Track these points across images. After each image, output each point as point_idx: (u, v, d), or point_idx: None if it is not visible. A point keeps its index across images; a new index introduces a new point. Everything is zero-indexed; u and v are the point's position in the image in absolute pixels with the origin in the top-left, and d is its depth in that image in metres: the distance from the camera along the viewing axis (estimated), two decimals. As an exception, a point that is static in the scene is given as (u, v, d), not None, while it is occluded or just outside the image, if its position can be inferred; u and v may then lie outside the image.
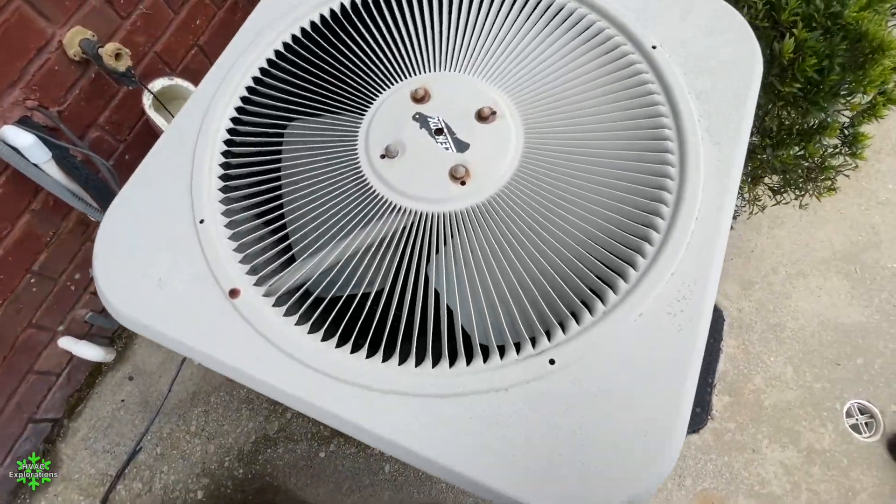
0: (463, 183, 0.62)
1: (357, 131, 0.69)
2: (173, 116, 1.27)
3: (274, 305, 0.58)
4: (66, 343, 1.33)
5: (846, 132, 1.15)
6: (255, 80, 0.73)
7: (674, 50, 0.67)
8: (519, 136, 0.65)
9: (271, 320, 0.57)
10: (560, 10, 0.73)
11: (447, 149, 0.64)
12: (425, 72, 0.71)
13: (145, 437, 1.42)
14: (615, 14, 0.70)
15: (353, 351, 0.56)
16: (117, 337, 1.53)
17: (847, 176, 1.22)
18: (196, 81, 1.40)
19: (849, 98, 1.05)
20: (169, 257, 0.61)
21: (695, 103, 0.63)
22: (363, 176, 0.65)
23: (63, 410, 1.43)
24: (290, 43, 0.76)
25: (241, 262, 0.61)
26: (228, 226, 0.63)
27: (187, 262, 0.60)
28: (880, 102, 1.04)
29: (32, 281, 1.19)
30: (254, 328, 0.56)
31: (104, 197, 1.15)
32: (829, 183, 1.26)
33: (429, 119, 0.66)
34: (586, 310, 0.55)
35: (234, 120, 0.71)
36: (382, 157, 0.65)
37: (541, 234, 0.60)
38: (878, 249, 1.93)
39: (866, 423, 1.67)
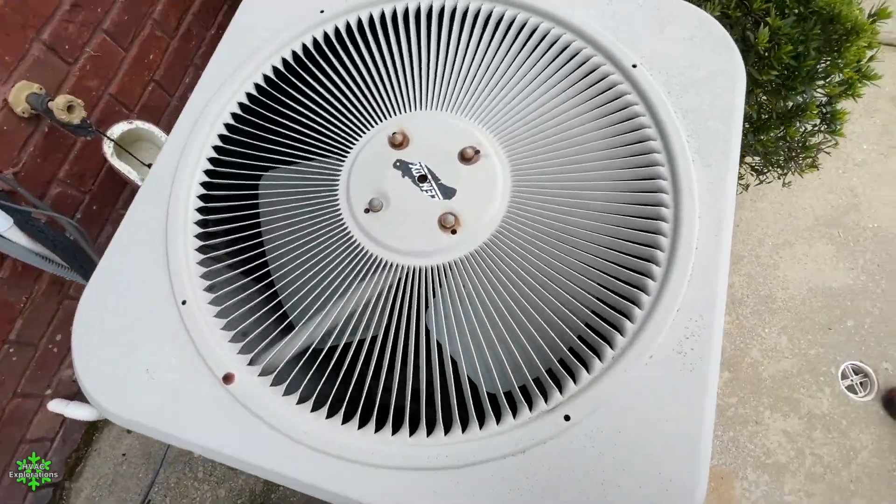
0: (454, 231, 0.60)
1: (337, 183, 0.66)
2: (138, 160, 1.22)
3: (272, 385, 0.56)
4: (56, 406, 1.29)
5: (824, 110, 1.14)
6: (222, 137, 0.69)
7: (655, 67, 0.65)
8: (506, 174, 0.63)
9: (271, 403, 0.54)
10: (534, 32, 0.70)
11: (433, 196, 0.62)
12: (401, 112, 0.68)
13: (152, 489, 1.39)
14: (591, 33, 0.67)
15: (361, 425, 0.54)
16: (109, 390, 1.48)
17: (828, 153, 1.23)
18: (157, 119, 1.34)
19: (826, 80, 1.04)
20: (154, 345, 0.58)
21: (682, 123, 0.62)
22: (349, 233, 0.62)
23: (63, 473, 1.39)
24: (255, 93, 0.72)
25: (231, 341, 0.58)
26: (213, 302, 0.60)
27: (174, 348, 0.57)
28: (856, 80, 1.03)
29: (11, 351, 1.14)
30: (254, 414, 0.53)
31: (75, 257, 1.10)
32: (810, 160, 1.26)
33: (410, 166, 0.63)
34: (595, 357, 0.53)
35: (204, 185, 0.67)
36: (367, 211, 0.62)
37: (539, 278, 0.58)
38: (858, 211, 1.97)
39: (861, 383, 1.72)
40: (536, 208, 0.61)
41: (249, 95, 0.72)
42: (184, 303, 0.59)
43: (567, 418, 0.50)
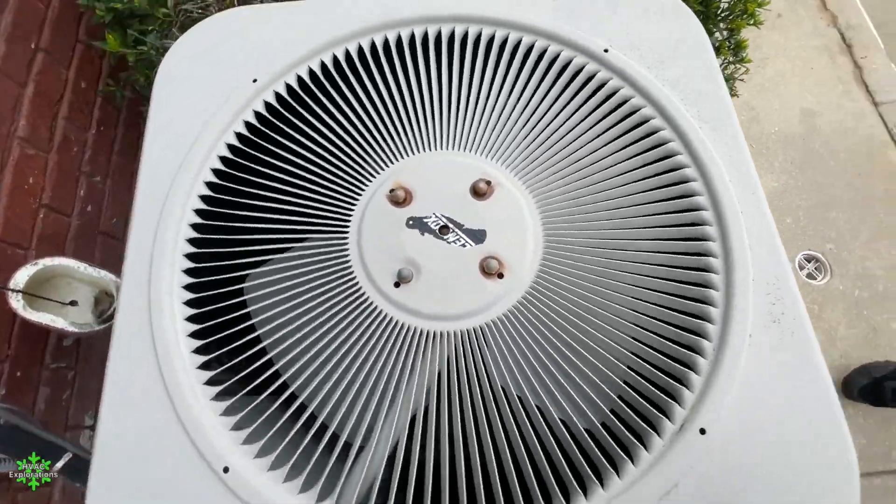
0: (500, 276, 0.54)
1: (348, 264, 0.57)
2: (57, 301, 1.02)
3: (371, 524, 0.46)
4: None
5: (729, 43, 1.23)
6: (191, 256, 0.58)
7: (625, 47, 0.63)
8: (527, 199, 0.58)
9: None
10: (491, 41, 0.66)
11: (464, 245, 0.55)
12: (389, 164, 0.61)
13: None
14: (550, 28, 0.64)
15: (489, 526, 0.46)
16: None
17: (742, 80, 1.32)
18: (60, 247, 1.14)
19: (729, 17, 1.11)
20: (208, 536, 0.46)
21: (675, 95, 0.61)
22: (384, 314, 0.54)
23: None
24: (209, 192, 0.61)
25: (301, 492, 0.48)
26: (261, 454, 0.49)
27: (236, 530, 0.46)
28: (753, 8, 1.11)
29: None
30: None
31: (16, 442, 0.89)
32: (730, 92, 1.35)
33: (426, 220, 0.57)
34: (697, 354, 0.50)
35: (193, 318, 0.55)
36: (397, 284, 0.54)
37: (607, 294, 0.54)
38: (759, 122, 2.17)
39: (816, 268, 1.90)
40: (573, 224, 0.57)
41: (204, 197, 0.60)
42: (226, 470, 0.47)
43: (703, 431, 0.47)
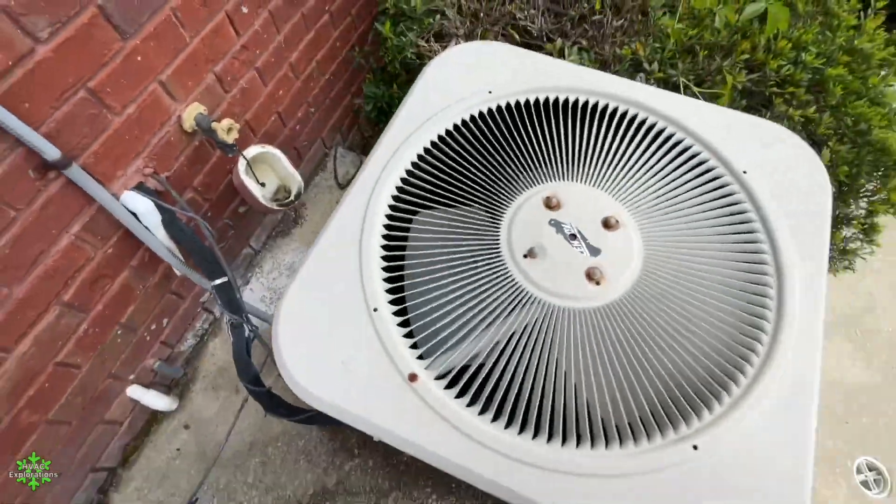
0: (598, 283, 0.74)
1: (498, 231, 0.80)
2: (255, 179, 1.37)
3: (446, 388, 0.67)
4: (136, 392, 1.36)
5: (864, 222, 1.32)
6: (404, 180, 0.85)
7: (761, 175, 0.81)
8: (639, 244, 0.77)
9: (447, 403, 0.65)
10: (661, 133, 0.87)
11: (582, 252, 0.76)
12: (552, 181, 0.84)
13: (201, 488, 1.43)
14: (708, 139, 0.84)
15: (520, 431, 0.65)
16: (175, 385, 1.56)
17: (864, 258, 1.39)
18: (274, 143, 1.52)
19: (872, 199, 1.22)
20: (349, 342, 0.70)
21: (785, 223, 0.77)
22: (509, 273, 0.76)
23: (119, 460, 1.44)
24: (431, 148, 0.88)
25: (411, 347, 0.70)
26: (397, 314, 0.72)
27: (367, 347, 0.69)
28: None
29: (119, 333, 1.24)
30: (434, 411, 0.65)
31: (205, 259, 1.21)
32: (846, 263, 1.43)
33: (563, 225, 0.78)
34: (715, 399, 0.66)
35: (389, 216, 0.81)
36: (525, 256, 0.76)
37: (668, 331, 0.71)
38: (874, 314, 2.12)
39: (875, 480, 1.80)
40: (664, 277, 0.75)
41: (420, 155, 0.88)
42: (375, 310, 0.71)
43: (695, 448, 0.62)
